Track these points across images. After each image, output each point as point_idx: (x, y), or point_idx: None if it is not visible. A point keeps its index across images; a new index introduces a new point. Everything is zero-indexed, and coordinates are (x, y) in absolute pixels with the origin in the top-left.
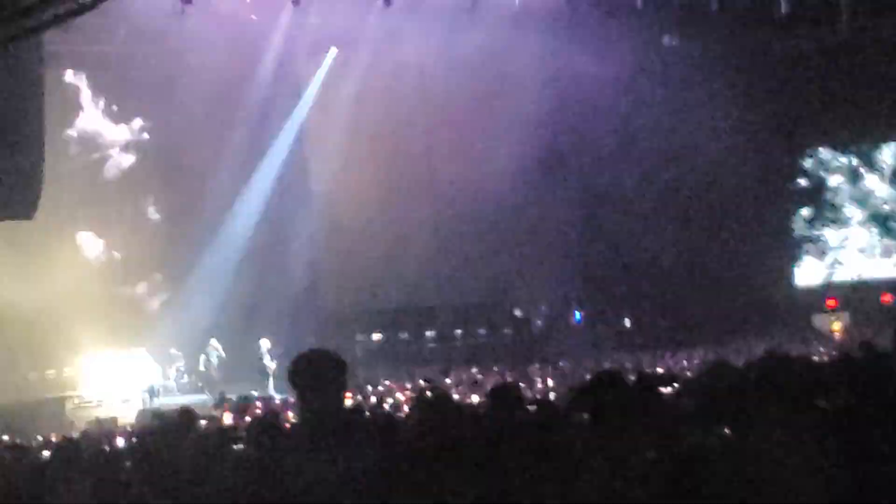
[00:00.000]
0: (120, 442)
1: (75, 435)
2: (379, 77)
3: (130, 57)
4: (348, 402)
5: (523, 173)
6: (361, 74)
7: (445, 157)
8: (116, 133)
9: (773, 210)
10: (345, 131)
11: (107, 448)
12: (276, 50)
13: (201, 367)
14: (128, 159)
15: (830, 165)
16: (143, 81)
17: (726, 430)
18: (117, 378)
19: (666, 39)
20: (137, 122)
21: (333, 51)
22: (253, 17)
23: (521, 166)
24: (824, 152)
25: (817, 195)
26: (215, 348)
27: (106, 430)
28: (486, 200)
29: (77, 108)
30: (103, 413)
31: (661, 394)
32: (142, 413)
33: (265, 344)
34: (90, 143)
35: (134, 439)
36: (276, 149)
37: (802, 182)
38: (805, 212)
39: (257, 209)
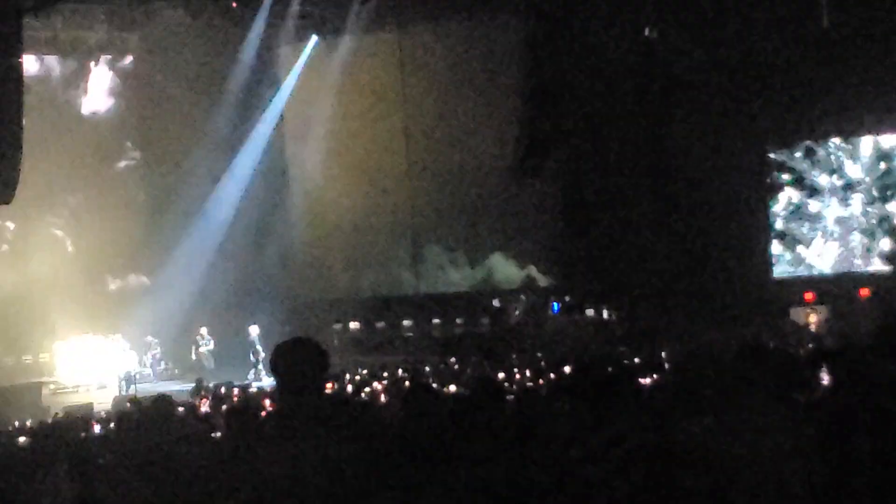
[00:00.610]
0: (96, 428)
1: (51, 421)
2: (359, 65)
3: (110, 43)
4: (327, 391)
5: (503, 163)
6: (342, 63)
7: (425, 146)
8: (95, 119)
9: (750, 203)
10: (324, 120)
11: (83, 434)
12: (257, 37)
13: (192, 356)
14: (108, 145)
15: (812, 159)
16: (122, 67)
17: (706, 421)
18: (94, 364)
19: (647, 31)
20: (117, 108)
21: (314, 38)
22: (234, 3)
23: (501, 156)
24: (798, 147)
25: (794, 190)
26: (203, 336)
27: (82, 416)
28: (465, 190)
29: (55, 92)
30: (80, 399)
31: (642, 384)
32: (118, 399)
33: (254, 330)
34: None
35: (111, 425)
36: (256, 136)
37: (784, 176)
38: (781, 206)
39: (236, 197)
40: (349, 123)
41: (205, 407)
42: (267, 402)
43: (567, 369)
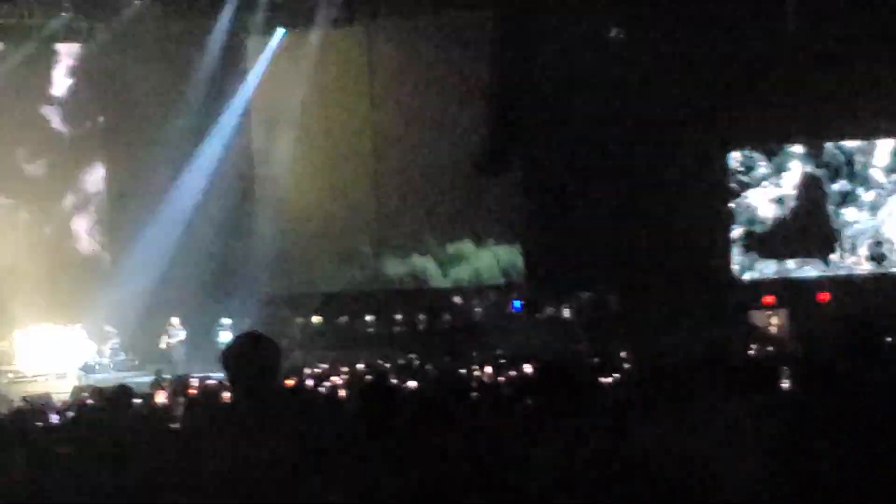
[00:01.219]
0: (54, 418)
1: (8, 410)
2: (327, 60)
3: (74, 30)
4: (287, 385)
5: (468, 161)
6: (309, 56)
7: (391, 143)
8: (59, 106)
9: (712, 204)
10: (291, 113)
11: (40, 424)
12: (224, 28)
13: (162, 346)
14: (71, 132)
15: (774, 161)
16: (86, 54)
17: (667, 421)
18: (54, 354)
19: (613, 32)
20: (81, 95)
21: (280, 31)
22: None
23: (466, 154)
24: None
25: (750, 191)
26: (174, 326)
27: (40, 405)
28: (430, 187)
29: (18, 78)
30: (38, 389)
31: (604, 384)
32: (76, 389)
33: (226, 322)
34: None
35: (69, 414)
36: (222, 127)
37: (743, 178)
38: (743, 207)
39: (199, 189)
40: (316, 117)
41: (161, 398)
42: (225, 395)
43: (528, 367)
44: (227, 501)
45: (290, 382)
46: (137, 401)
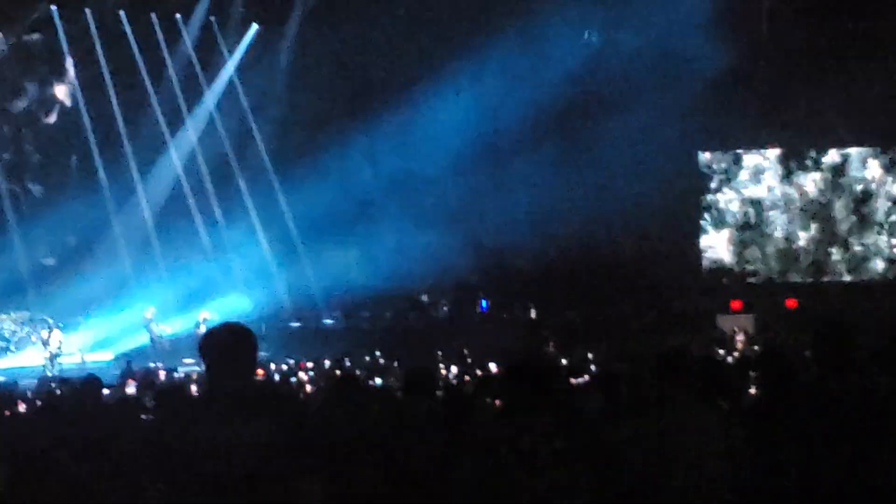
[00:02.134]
0: (21, 407)
1: None
2: (300, 56)
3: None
4: (256, 377)
5: (438, 161)
6: (283, 52)
7: (360, 142)
8: (35, 95)
9: (681, 208)
10: (264, 109)
11: (7, 413)
12: (198, 22)
13: (149, 339)
14: (45, 122)
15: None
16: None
17: (633, 423)
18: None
19: (586, 35)
20: (57, 87)
21: (254, 27)
22: None
23: (437, 154)
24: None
25: (718, 196)
26: (152, 318)
27: (6, 393)
28: (398, 186)
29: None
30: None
31: (572, 385)
32: (43, 379)
33: (203, 315)
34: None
35: (38, 403)
36: (194, 121)
37: (712, 184)
38: (709, 212)
39: (170, 185)
40: (284, 114)
41: (130, 388)
42: (193, 388)
43: (493, 367)
44: (202, 489)
45: (260, 372)
46: (106, 391)
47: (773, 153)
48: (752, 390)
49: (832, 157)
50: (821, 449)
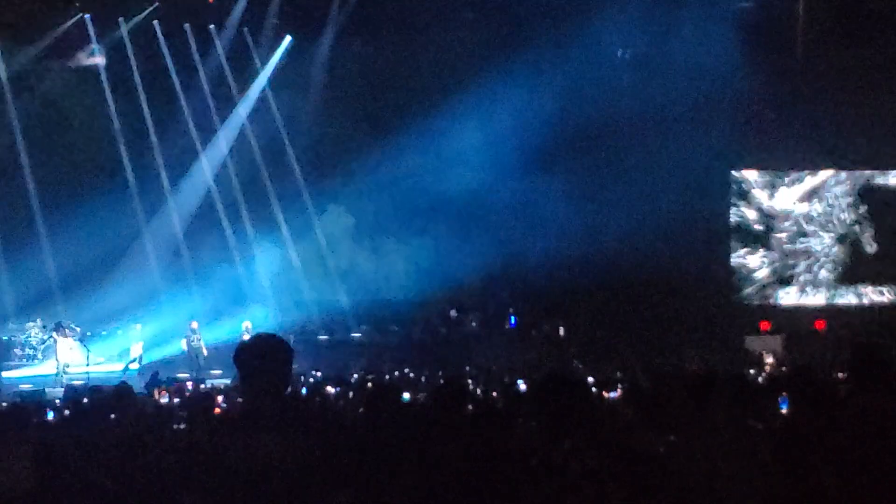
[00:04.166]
0: (50, 415)
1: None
2: (334, 68)
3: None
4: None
5: (470, 177)
6: (316, 65)
7: (391, 156)
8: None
9: (713, 226)
10: (297, 121)
11: (35, 420)
12: (232, 33)
13: (184, 349)
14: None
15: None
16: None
17: (666, 440)
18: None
19: (619, 52)
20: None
21: (288, 39)
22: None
23: (468, 170)
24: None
25: (749, 218)
26: (195, 330)
27: (35, 402)
28: (428, 202)
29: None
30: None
31: (604, 400)
32: (71, 387)
33: (246, 325)
34: None
35: (66, 413)
36: (224, 133)
37: (740, 207)
38: (739, 234)
39: (201, 195)
40: (321, 125)
41: (163, 398)
42: (220, 399)
43: (522, 384)
44: (234, 501)
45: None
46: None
47: (808, 173)
48: (784, 410)
49: (867, 177)
50: (855, 470)
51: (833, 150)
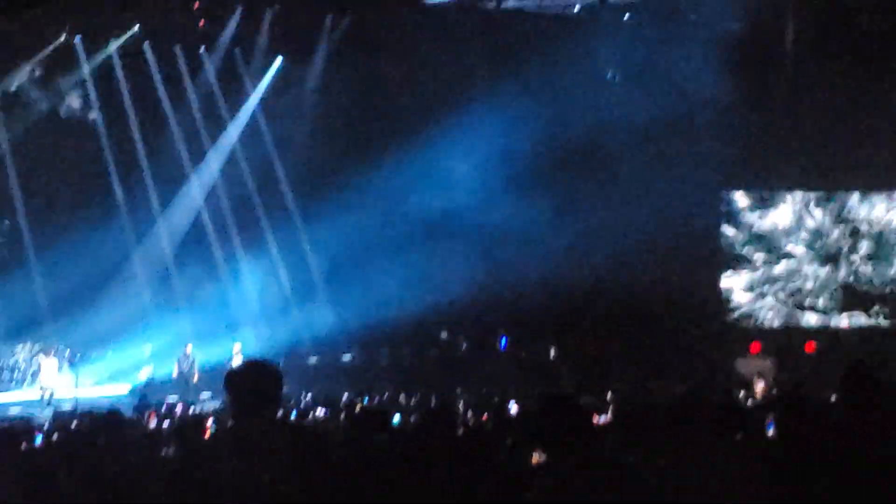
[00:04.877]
0: (38, 440)
1: None
2: (325, 90)
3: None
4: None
5: (458, 199)
6: (307, 87)
7: (382, 178)
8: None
9: (702, 247)
10: (283, 142)
11: (23, 445)
12: (220, 56)
13: (175, 374)
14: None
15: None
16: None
17: (658, 463)
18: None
19: (609, 74)
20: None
21: (279, 60)
22: (201, 22)
23: (457, 191)
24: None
25: (739, 238)
26: (187, 354)
27: (22, 426)
28: (418, 223)
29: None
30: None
31: (596, 423)
32: (59, 412)
33: (237, 348)
34: None
35: (54, 437)
36: (214, 155)
37: (729, 228)
38: (729, 255)
39: (191, 217)
40: (306, 148)
41: (154, 423)
42: (209, 422)
43: (513, 406)
44: None
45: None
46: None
47: (797, 193)
48: (770, 432)
49: (854, 198)
50: (846, 489)
51: (822, 171)
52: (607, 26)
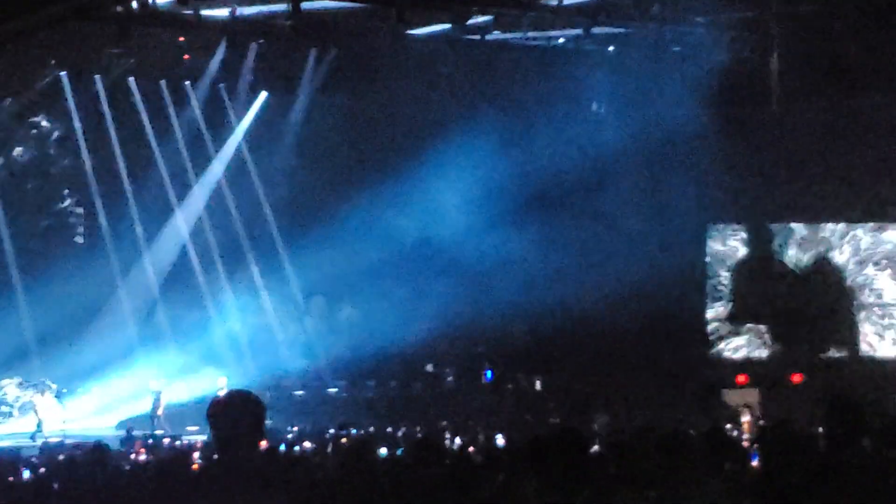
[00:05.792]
0: (25, 474)
1: None
2: (310, 123)
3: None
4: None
5: (444, 231)
6: (292, 120)
7: (367, 210)
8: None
9: (688, 280)
10: (274, 175)
11: (11, 479)
12: (205, 91)
13: (149, 410)
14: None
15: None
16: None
17: (648, 495)
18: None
19: (594, 106)
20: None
21: (263, 95)
22: (186, 56)
23: (443, 224)
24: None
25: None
26: (154, 391)
27: (8, 460)
28: (403, 256)
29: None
30: None
31: (590, 454)
32: (46, 446)
33: (222, 381)
34: None
35: (41, 471)
36: (199, 189)
37: (715, 260)
38: (714, 288)
39: (176, 251)
40: (293, 182)
41: (143, 456)
42: (196, 455)
43: (500, 438)
44: None
45: (263, 444)
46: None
47: (782, 226)
48: (755, 463)
49: (840, 230)
50: None
51: (808, 204)
52: (592, 59)
